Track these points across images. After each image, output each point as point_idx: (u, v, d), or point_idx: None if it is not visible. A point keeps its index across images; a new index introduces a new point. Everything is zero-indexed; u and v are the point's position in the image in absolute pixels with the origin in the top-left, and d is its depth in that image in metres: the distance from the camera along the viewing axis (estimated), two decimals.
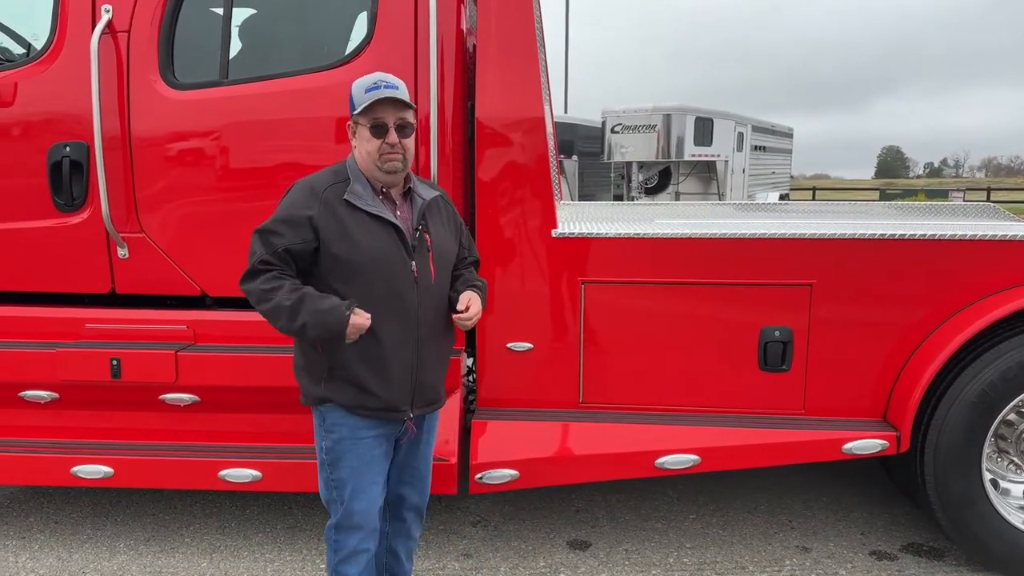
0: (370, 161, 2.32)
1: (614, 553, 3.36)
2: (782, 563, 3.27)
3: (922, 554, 3.34)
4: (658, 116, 13.17)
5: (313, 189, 2.32)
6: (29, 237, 3.28)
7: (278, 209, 2.34)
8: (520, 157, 3.17)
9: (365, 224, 2.29)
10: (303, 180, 2.39)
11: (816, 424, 3.15)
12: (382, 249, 2.29)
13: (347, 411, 2.33)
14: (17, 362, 3.28)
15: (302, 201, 2.30)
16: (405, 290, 2.32)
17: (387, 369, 2.31)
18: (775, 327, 3.13)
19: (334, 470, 2.37)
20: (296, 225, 2.27)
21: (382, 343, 2.29)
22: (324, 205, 2.28)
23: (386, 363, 2.31)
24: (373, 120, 2.29)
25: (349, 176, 2.34)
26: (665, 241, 3.16)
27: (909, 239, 3.05)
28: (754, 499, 3.88)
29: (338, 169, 2.39)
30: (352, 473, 2.35)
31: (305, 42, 3.47)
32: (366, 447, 2.35)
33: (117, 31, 3.14)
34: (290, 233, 2.27)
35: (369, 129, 2.29)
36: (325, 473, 2.40)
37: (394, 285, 2.30)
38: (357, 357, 2.29)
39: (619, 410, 3.25)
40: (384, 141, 2.29)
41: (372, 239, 2.29)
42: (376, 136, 2.29)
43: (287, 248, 2.27)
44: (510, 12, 3.13)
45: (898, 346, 3.11)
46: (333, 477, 2.37)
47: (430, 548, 3.40)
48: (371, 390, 2.30)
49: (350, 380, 2.30)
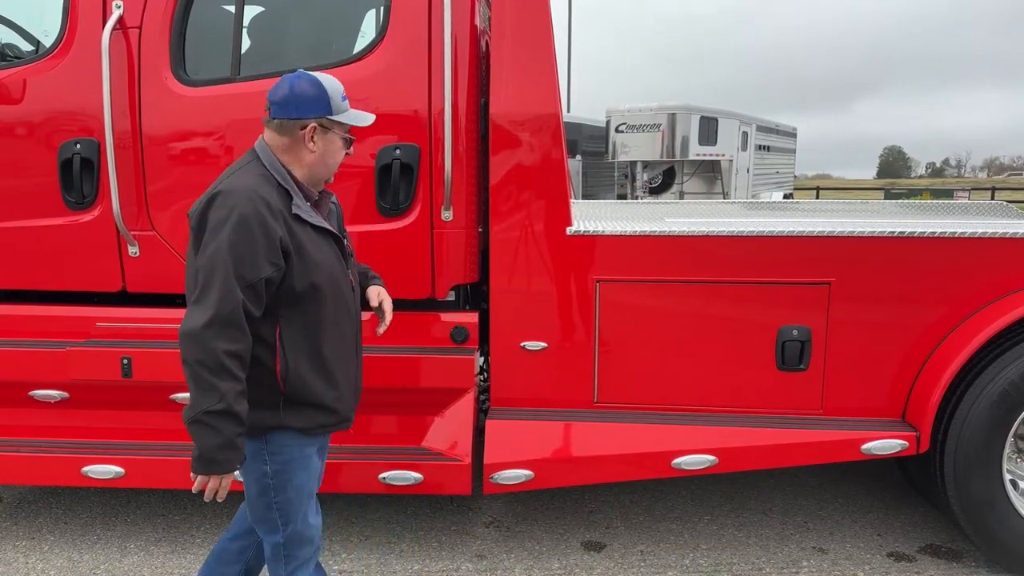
0: (324, 170, 2.19)
1: (629, 554, 3.33)
2: (799, 565, 3.24)
3: (941, 555, 3.30)
4: (663, 115, 13.13)
5: (266, 200, 2.02)
6: (39, 235, 3.26)
7: (236, 227, 1.96)
8: (535, 154, 3.13)
9: (312, 239, 2.13)
10: (239, 188, 2.02)
11: (834, 424, 3.12)
12: (331, 264, 2.19)
13: (303, 434, 2.19)
14: (27, 361, 3.26)
15: (265, 215, 2.00)
16: (349, 302, 2.28)
17: (340, 383, 2.25)
18: (793, 326, 3.09)
19: (280, 492, 2.18)
20: (271, 248, 2.00)
21: (334, 359, 2.22)
22: (284, 222, 2.06)
23: (339, 377, 2.25)
24: (349, 132, 2.21)
25: (281, 183, 2.10)
26: (681, 239, 3.12)
27: (929, 236, 3.01)
28: (769, 499, 3.84)
29: (265, 175, 2.09)
30: (299, 492, 2.21)
31: (318, 38, 3.45)
32: (311, 462, 2.25)
33: (128, 27, 3.11)
34: (265, 260, 1.99)
35: (343, 139, 2.19)
36: (266, 498, 2.18)
37: (341, 299, 2.24)
38: (315, 377, 2.16)
39: (635, 410, 3.21)
40: (347, 152, 2.23)
41: (322, 255, 2.15)
42: (346, 147, 2.21)
43: (267, 279, 2.01)
44: (525, 5, 3.09)
45: (917, 345, 3.08)
46: (278, 499, 2.19)
47: (443, 549, 3.37)
48: (330, 406, 2.22)
49: (309, 402, 2.17)
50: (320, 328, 2.16)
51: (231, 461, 2.02)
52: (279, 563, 2.27)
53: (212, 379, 1.95)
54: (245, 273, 1.97)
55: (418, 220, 3.13)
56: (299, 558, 2.28)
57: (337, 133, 2.17)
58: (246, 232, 1.98)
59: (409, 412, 3.27)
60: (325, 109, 2.12)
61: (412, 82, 3.06)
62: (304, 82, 2.12)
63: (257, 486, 2.19)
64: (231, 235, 1.97)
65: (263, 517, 2.22)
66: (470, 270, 3.25)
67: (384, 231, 3.13)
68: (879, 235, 3.03)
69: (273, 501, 2.19)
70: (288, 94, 2.11)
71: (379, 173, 3.08)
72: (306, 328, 2.14)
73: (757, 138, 15.94)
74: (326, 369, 2.20)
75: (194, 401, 1.98)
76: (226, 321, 1.95)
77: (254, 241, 1.99)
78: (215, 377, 1.95)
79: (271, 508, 2.20)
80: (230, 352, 1.96)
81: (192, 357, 1.96)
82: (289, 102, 2.10)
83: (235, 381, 1.98)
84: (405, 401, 3.25)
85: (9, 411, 3.35)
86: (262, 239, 1.99)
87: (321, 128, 2.13)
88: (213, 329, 1.94)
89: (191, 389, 1.99)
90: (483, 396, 3.41)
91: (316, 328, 2.16)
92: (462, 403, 3.21)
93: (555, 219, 3.14)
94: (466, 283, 3.28)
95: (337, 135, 2.17)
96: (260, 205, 2.01)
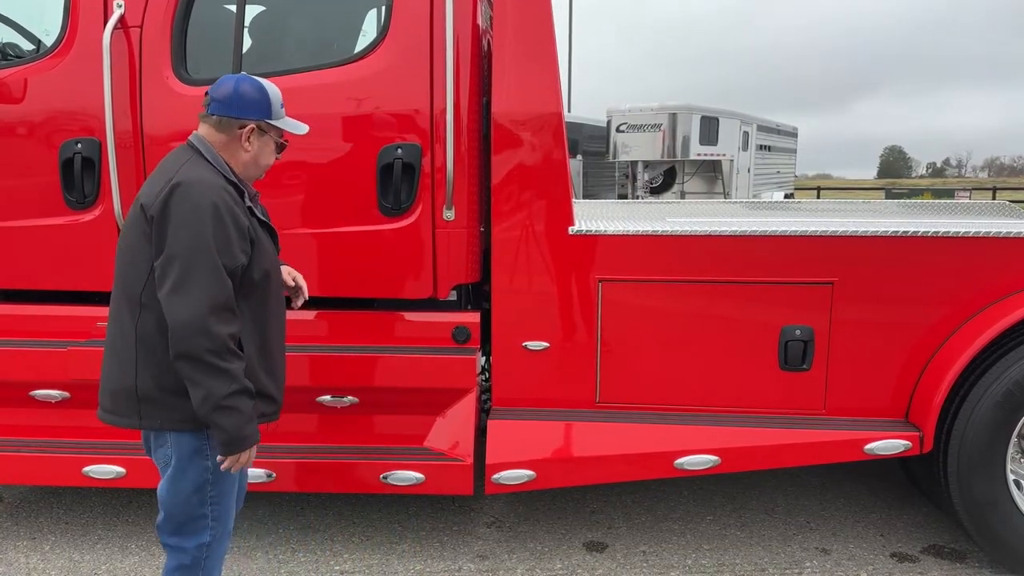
0: (256, 170, 2.28)
1: (631, 555, 3.32)
2: (802, 565, 3.23)
3: (944, 556, 3.30)
4: (664, 115, 13.12)
5: (231, 193, 2.13)
6: (40, 235, 3.25)
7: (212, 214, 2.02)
8: (537, 153, 3.12)
9: (259, 233, 2.22)
10: (199, 179, 2.08)
11: (837, 424, 3.11)
12: (273, 257, 2.31)
13: None
14: (28, 361, 3.25)
15: (231, 203, 2.09)
16: (281, 294, 2.38)
17: (278, 373, 2.34)
18: (796, 326, 3.08)
19: (216, 485, 2.19)
20: (242, 234, 2.10)
21: (276, 349, 2.32)
22: (243, 213, 2.14)
23: (278, 367, 2.34)
24: (282, 138, 2.32)
25: (228, 177, 2.17)
26: (684, 239, 3.11)
27: (933, 236, 3.00)
28: (771, 500, 3.84)
29: (212, 169, 2.15)
30: (231, 484, 2.26)
31: (320, 38, 3.44)
32: None
33: (129, 26, 3.10)
34: (239, 247, 2.08)
35: (277, 143, 2.31)
36: (204, 492, 2.18)
37: (279, 292, 2.35)
38: (262, 367, 2.23)
39: (637, 410, 3.20)
40: (277, 157, 2.34)
41: (268, 248, 2.26)
42: (278, 152, 2.33)
43: (243, 265, 2.10)
44: (527, 5, 3.08)
45: (921, 345, 3.07)
46: (214, 493, 2.20)
47: (445, 549, 3.36)
48: (272, 396, 2.29)
49: (256, 392, 2.18)
50: (267, 318, 2.26)
51: (256, 433, 2.12)
52: (197, 569, 2.23)
53: (222, 363, 2.01)
54: (226, 261, 2.05)
55: (420, 219, 3.12)
56: (215, 557, 2.26)
57: (272, 137, 2.27)
58: (221, 221, 2.05)
59: (411, 412, 3.26)
60: (264, 113, 2.21)
61: (414, 81, 3.05)
62: (248, 84, 2.21)
63: (196, 483, 2.17)
64: (210, 223, 2.02)
65: (194, 517, 2.19)
66: (472, 270, 3.24)
67: (386, 231, 3.12)
68: (882, 235, 3.02)
69: (209, 496, 2.19)
70: (231, 93, 2.19)
71: (380, 172, 3.07)
72: (256, 319, 2.21)
73: (758, 138, 15.93)
74: (271, 359, 2.29)
75: (208, 390, 2.01)
76: (224, 306, 2.03)
77: (229, 230, 2.06)
78: (224, 361, 2.01)
79: (205, 504, 2.19)
80: (232, 335, 2.05)
81: (200, 347, 1.99)
82: (232, 101, 2.19)
83: (240, 360, 2.07)
84: (407, 401, 3.24)
85: (10, 411, 3.34)
86: (234, 228, 2.08)
87: (259, 130, 2.22)
88: (216, 315, 2.00)
89: (200, 378, 2.00)
90: (485, 396, 3.40)
91: (264, 318, 2.24)
92: (464, 403, 3.20)
93: (557, 218, 3.13)
94: (468, 283, 3.27)
95: (272, 139, 2.27)
96: (226, 196, 2.10)
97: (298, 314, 3.25)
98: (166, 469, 2.19)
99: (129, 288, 2.14)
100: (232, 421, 2.04)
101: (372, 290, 3.24)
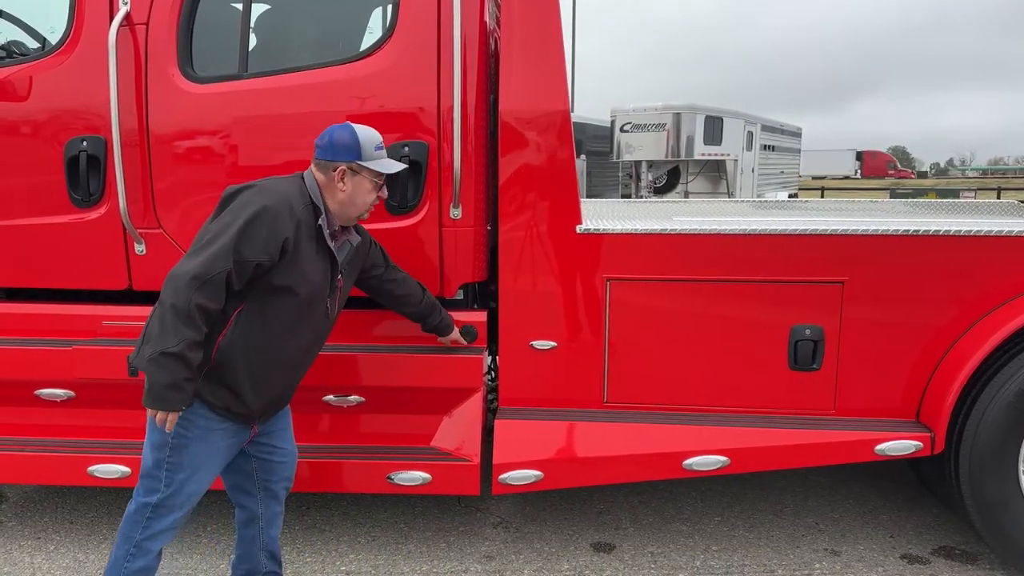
0: (354, 208, 2.47)
1: (639, 556, 3.30)
2: (811, 567, 3.21)
3: (955, 557, 3.27)
4: (668, 115, 13.05)
5: (291, 205, 2.32)
6: (45, 233, 3.24)
7: (256, 212, 2.25)
8: (544, 152, 3.10)
9: (312, 257, 2.38)
10: (274, 188, 2.35)
11: (847, 424, 3.08)
12: (317, 284, 2.42)
13: (208, 408, 2.35)
14: (33, 360, 3.24)
15: (284, 216, 2.29)
16: (314, 324, 2.49)
17: (265, 386, 2.43)
18: (805, 325, 3.06)
19: (175, 453, 2.34)
20: (273, 241, 2.26)
21: (274, 361, 2.42)
22: (297, 227, 2.32)
23: (268, 381, 2.43)
24: (380, 176, 2.49)
25: (314, 203, 2.40)
26: (693, 237, 3.09)
27: (944, 235, 2.98)
28: (779, 500, 3.81)
29: (301, 190, 2.40)
30: (193, 459, 2.37)
31: (326, 35, 3.42)
32: (216, 438, 2.40)
33: (135, 23, 3.08)
34: (262, 247, 2.24)
35: (372, 182, 2.47)
36: (162, 454, 2.35)
37: (310, 316, 2.45)
38: (245, 371, 2.34)
39: (645, 410, 3.18)
40: (379, 195, 2.52)
41: (314, 273, 2.39)
42: (375, 190, 2.50)
43: (258, 263, 2.25)
44: (535, 2, 3.06)
45: (932, 344, 3.04)
46: (171, 460, 2.35)
47: (451, 549, 3.34)
48: (243, 396, 2.37)
49: (227, 385, 2.35)
50: (276, 329, 2.36)
51: (178, 401, 2.21)
52: (137, 525, 2.39)
53: (178, 323, 2.15)
54: (243, 250, 2.22)
55: (426, 218, 3.10)
56: (161, 525, 2.38)
57: (366, 176, 2.45)
58: (260, 220, 2.24)
59: (417, 412, 3.24)
60: (355, 156, 2.42)
61: (421, 79, 3.03)
62: (341, 131, 2.45)
63: (157, 442, 2.35)
64: (248, 216, 2.23)
65: (150, 473, 2.37)
66: (478, 268, 3.22)
67: (392, 229, 3.10)
68: (894, 233, 2.99)
69: (166, 460, 2.35)
70: (328, 141, 2.45)
71: None
72: (264, 323, 2.34)
73: (762, 138, 15.86)
74: (261, 365, 2.38)
75: (155, 341, 2.16)
76: (208, 279, 2.18)
77: (263, 230, 2.24)
78: (181, 323, 2.15)
79: (160, 467, 2.35)
80: (201, 306, 2.17)
81: (168, 299, 2.17)
82: (327, 147, 2.44)
83: (196, 331, 2.18)
84: (413, 400, 3.22)
85: (15, 410, 3.33)
86: (269, 231, 2.25)
87: (351, 171, 2.42)
88: (197, 281, 2.16)
89: (155, 329, 2.17)
90: (491, 396, 3.38)
91: (273, 327, 2.35)
92: (471, 403, 3.19)
93: (564, 217, 3.11)
94: (474, 282, 3.25)
95: (366, 178, 2.45)
96: (283, 206, 2.30)
97: None
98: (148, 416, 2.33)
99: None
100: (158, 378, 2.16)
101: None
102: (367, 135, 2.46)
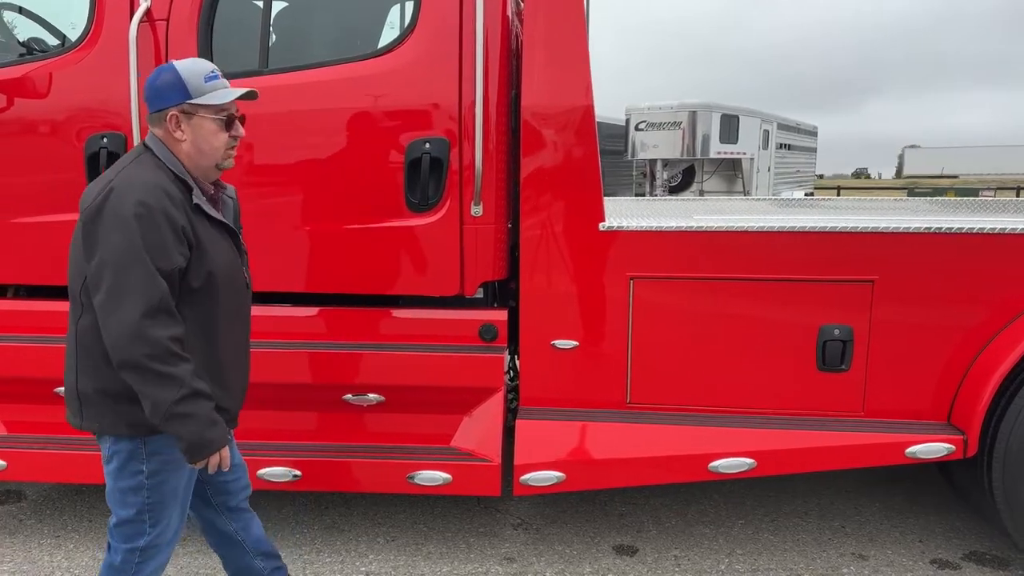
0: (205, 157, 2.08)
1: (663, 559, 3.24)
2: (839, 571, 3.14)
3: (986, 563, 3.19)
4: (684, 113, 13.00)
5: (168, 193, 1.99)
6: (65, 231, 3.21)
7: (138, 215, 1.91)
8: (567, 148, 3.05)
9: (209, 233, 2.07)
10: (140, 182, 1.98)
11: (877, 427, 3.02)
12: (228, 259, 2.14)
13: None
14: (52, 358, 3.21)
15: (171, 208, 1.96)
16: (243, 298, 2.24)
17: (230, 381, 2.20)
18: (834, 325, 2.99)
19: (154, 494, 2.13)
20: (179, 239, 1.97)
21: (226, 357, 2.17)
22: (185, 212, 2.01)
23: (230, 376, 2.20)
24: (221, 110, 2.09)
25: (178, 175, 2.05)
26: (718, 235, 3.03)
27: (978, 233, 2.90)
28: (804, 503, 3.74)
29: (160, 166, 2.04)
30: (174, 493, 2.16)
31: (347, 31, 3.39)
32: (184, 465, 2.15)
33: (155, 20, 3.06)
34: (175, 248, 1.95)
35: (217, 121, 2.07)
36: (139, 497, 2.12)
37: (236, 296, 2.19)
38: (207, 377, 2.06)
39: (669, 411, 3.13)
40: (230, 134, 2.11)
41: (219, 250, 2.10)
42: (224, 128, 2.09)
43: (177, 268, 1.97)
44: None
45: (965, 344, 2.97)
46: (151, 501, 2.13)
47: (472, 551, 3.30)
48: (219, 405, 2.10)
49: None
50: (215, 325, 2.12)
51: (221, 435, 2.03)
52: (126, 574, 2.18)
53: (166, 369, 1.92)
54: (161, 264, 1.94)
55: (447, 215, 3.06)
56: (150, 568, 2.20)
57: (204, 116, 2.06)
58: (153, 223, 1.94)
59: (437, 411, 3.20)
60: (182, 94, 2.04)
61: (442, 74, 2.99)
62: (163, 71, 2.07)
63: (130, 488, 2.13)
64: (140, 227, 1.92)
65: (130, 520, 2.15)
66: (499, 266, 3.18)
67: (413, 227, 3.06)
68: (925, 231, 2.92)
69: (146, 503, 2.13)
70: (149, 87, 2.08)
71: (408, 167, 3.01)
72: (202, 326, 2.08)
73: (778, 136, 15.76)
74: (219, 368, 2.14)
75: (155, 399, 1.93)
76: (158, 308, 1.92)
77: (163, 231, 1.95)
78: (168, 366, 1.92)
79: (143, 512, 2.14)
80: (173, 337, 1.94)
81: (138, 353, 1.91)
82: (151, 95, 2.08)
83: (186, 363, 1.96)
84: (433, 400, 3.18)
85: (34, 408, 3.32)
86: (169, 230, 1.96)
87: (183, 114, 2.05)
88: (151, 319, 1.91)
89: (146, 388, 1.93)
90: (512, 395, 3.34)
91: (211, 325, 2.11)
92: (491, 402, 3.14)
93: (587, 214, 3.07)
94: (495, 280, 3.21)
95: (205, 118, 2.06)
96: (161, 196, 1.97)
97: (324, 311, 3.22)
98: (107, 467, 2.16)
99: (72, 285, 2.09)
100: (188, 428, 1.96)
101: (398, 287, 3.18)
102: (191, 67, 2.07)
